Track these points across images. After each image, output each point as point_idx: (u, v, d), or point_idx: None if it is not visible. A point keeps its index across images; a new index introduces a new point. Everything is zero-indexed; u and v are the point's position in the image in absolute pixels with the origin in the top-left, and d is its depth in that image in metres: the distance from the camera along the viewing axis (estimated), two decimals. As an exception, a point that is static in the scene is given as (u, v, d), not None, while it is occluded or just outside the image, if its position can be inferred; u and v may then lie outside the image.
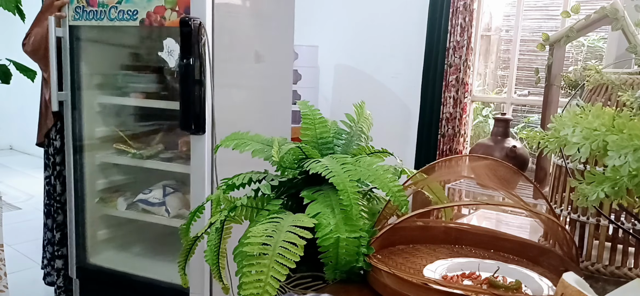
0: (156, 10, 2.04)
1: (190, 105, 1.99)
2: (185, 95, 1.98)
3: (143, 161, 2.34)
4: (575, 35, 1.60)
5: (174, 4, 2.00)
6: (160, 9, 2.03)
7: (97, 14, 2.18)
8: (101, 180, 2.52)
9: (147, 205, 2.35)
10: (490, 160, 1.22)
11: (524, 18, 3.34)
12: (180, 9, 2.00)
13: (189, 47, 1.93)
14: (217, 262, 1.08)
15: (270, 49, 2.42)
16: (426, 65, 3.35)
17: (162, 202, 2.33)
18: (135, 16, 2.09)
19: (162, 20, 2.04)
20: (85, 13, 2.21)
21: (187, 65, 1.94)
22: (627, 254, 1.10)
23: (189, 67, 1.95)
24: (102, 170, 2.51)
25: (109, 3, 2.13)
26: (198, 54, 1.95)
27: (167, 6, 2.01)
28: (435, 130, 3.32)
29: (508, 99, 3.31)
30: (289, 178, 1.13)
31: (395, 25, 3.60)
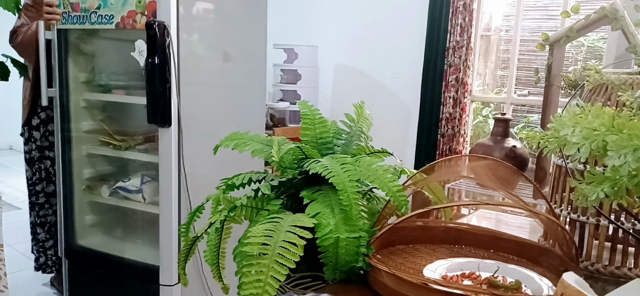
0: (129, 14, 2.25)
1: (156, 100, 2.17)
2: (151, 91, 2.17)
3: (122, 152, 2.55)
4: (575, 35, 1.60)
5: (144, 9, 2.20)
6: (132, 14, 2.24)
7: (80, 18, 2.41)
8: (87, 170, 2.72)
9: (125, 192, 2.55)
10: (490, 160, 1.22)
11: (524, 18, 3.34)
12: (148, 14, 2.19)
13: (154, 48, 2.12)
14: (217, 262, 1.08)
15: (241, 49, 2.58)
16: (426, 65, 3.35)
17: (139, 189, 2.52)
18: (111, 20, 2.31)
19: (134, 23, 2.24)
20: (70, 18, 2.43)
21: (153, 64, 2.13)
22: (627, 254, 1.10)
23: (155, 65, 2.13)
24: (88, 160, 2.72)
25: (90, 8, 2.35)
26: (163, 54, 2.13)
27: (138, 11, 2.22)
28: (435, 130, 3.31)
29: (508, 99, 3.31)
30: (288, 178, 1.13)
31: (395, 25, 3.59)
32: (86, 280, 2.61)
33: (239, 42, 2.57)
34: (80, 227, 2.69)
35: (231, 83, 2.56)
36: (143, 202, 2.50)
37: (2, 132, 6.97)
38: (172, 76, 2.17)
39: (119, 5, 2.27)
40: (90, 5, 2.35)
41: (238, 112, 2.60)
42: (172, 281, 2.32)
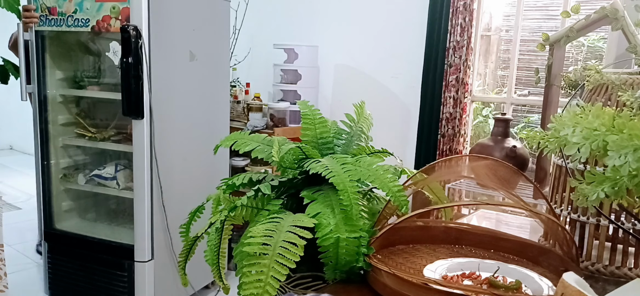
0: (104, 18, 2.49)
1: (130, 95, 2.44)
2: (125, 87, 2.43)
3: (97, 142, 2.82)
4: (575, 35, 1.60)
5: (118, 14, 2.46)
6: (107, 18, 2.49)
7: (57, 21, 2.60)
8: (64, 159, 2.95)
9: (101, 179, 2.82)
10: (490, 160, 1.22)
11: (524, 18, 3.34)
12: (122, 18, 2.44)
13: (128, 49, 2.38)
14: (217, 262, 1.08)
15: (206, 50, 2.87)
16: (426, 65, 3.35)
17: (114, 176, 2.78)
18: (87, 23, 2.53)
19: (108, 27, 2.49)
20: (48, 21, 2.62)
21: (127, 63, 2.39)
22: (627, 254, 1.10)
23: (129, 64, 2.40)
24: (65, 151, 2.95)
25: (67, 12, 2.56)
26: (136, 54, 2.39)
27: (112, 16, 2.47)
28: (435, 130, 3.31)
29: (508, 99, 3.31)
30: (289, 178, 1.13)
31: (395, 25, 3.59)
32: (66, 261, 2.80)
33: (204, 43, 2.85)
34: (58, 212, 2.91)
35: (197, 80, 2.84)
36: (117, 188, 2.76)
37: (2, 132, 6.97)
38: (144, 74, 2.43)
39: (94, 10, 2.49)
40: (66, 10, 2.56)
41: (204, 106, 2.91)
42: (146, 258, 2.58)
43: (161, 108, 2.56)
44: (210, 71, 2.94)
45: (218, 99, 3.04)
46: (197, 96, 2.86)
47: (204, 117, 2.93)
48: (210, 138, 2.99)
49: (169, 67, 2.61)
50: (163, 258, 2.68)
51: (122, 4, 2.43)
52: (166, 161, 2.62)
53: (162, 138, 2.58)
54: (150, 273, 2.61)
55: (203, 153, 2.92)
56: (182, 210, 2.69)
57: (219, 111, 3.06)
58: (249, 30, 4.06)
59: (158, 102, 2.53)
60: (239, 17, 3.95)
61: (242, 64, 4.01)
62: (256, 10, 4.11)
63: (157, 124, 2.54)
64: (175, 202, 2.69)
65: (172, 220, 2.67)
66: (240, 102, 3.96)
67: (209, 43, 2.90)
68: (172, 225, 2.68)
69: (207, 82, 2.93)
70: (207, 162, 2.97)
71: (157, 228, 2.62)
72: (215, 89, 3.01)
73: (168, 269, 2.71)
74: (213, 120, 3.01)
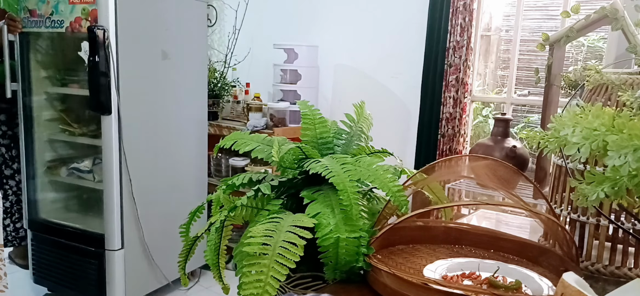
0: (76, 20, 2.66)
1: (97, 92, 2.58)
2: (93, 84, 2.57)
3: (75, 137, 2.99)
4: (575, 35, 1.60)
5: (87, 15, 2.61)
6: (79, 19, 2.65)
7: (37, 23, 2.79)
8: (48, 153, 3.10)
9: (79, 172, 2.99)
10: (490, 160, 1.22)
11: (524, 18, 3.34)
12: (91, 19, 2.59)
13: (95, 48, 2.51)
14: (217, 262, 1.08)
15: (180, 50, 3.00)
16: (426, 65, 3.34)
17: (91, 170, 2.96)
18: (62, 25, 2.70)
19: (79, 27, 2.64)
20: (29, 22, 2.82)
21: (94, 62, 2.53)
22: (627, 254, 1.10)
23: (95, 63, 2.53)
24: (49, 145, 3.10)
25: (45, 14, 2.74)
26: (103, 53, 2.53)
27: (83, 17, 2.63)
28: (435, 130, 3.31)
29: (508, 99, 3.31)
30: (288, 178, 1.13)
31: (395, 25, 3.59)
32: (47, 248, 2.98)
33: (179, 43, 2.98)
34: (42, 203, 3.08)
35: (170, 79, 2.96)
36: (93, 181, 2.93)
37: None
38: (111, 72, 2.57)
39: (67, 12, 2.66)
40: (44, 12, 2.74)
41: (179, 103, 3.04)
42: (116, 247, 2.73)
43: (132, 104, 2.70)
44: (186, 69, 3.06)
45: (195, 96, 3.17)
46: (172, 93, 2.98)
47: (179, 113, 3.05)
48: (186, 134, 3.13)
49: (139, 66, 2.74)
50: (134, 247, 2.81)
51: (91, 6, 2.58)
52: (137, 155, 2.76)
53: (132, 133, 2.71)
54: (121, 261, 2.76)
55: (178, 148, 3.08)
56: (154, 201, 2.92)
57: (195, 108, 3.19)
58: (249, 30, 4.06)
59: (129, 99, 2.67)
60: (239, 17, 3.96)
61: (242, 64, 4.01)
62: (256, 10, 4.11)
63: (128, 120, 2.67)
64: (146, 194, 2.83)
65: (143, 211, 2.81)
66: (240, 102, 3.96)
67: (184, 42, 3.02)
68: (143, 216, 2.81)
69: (183, 80, 3.05)
70: (182, 156, 3.11)
71: (128, 219, 2.75)
72: (192, 87, 3.13)
73: (139, 258, 2.85)
74: (189, 117, 3.14)
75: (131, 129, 2.70)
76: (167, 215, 2.99)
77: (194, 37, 3.11)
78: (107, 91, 2.57)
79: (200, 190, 3.30)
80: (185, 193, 3.14)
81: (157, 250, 2.94)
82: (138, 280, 2.88)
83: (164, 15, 2.87)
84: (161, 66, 2.88)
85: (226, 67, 3.93)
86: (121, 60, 2.60)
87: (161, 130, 2.94)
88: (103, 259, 2.75)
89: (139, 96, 2.75)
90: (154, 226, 2.90)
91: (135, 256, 2.83)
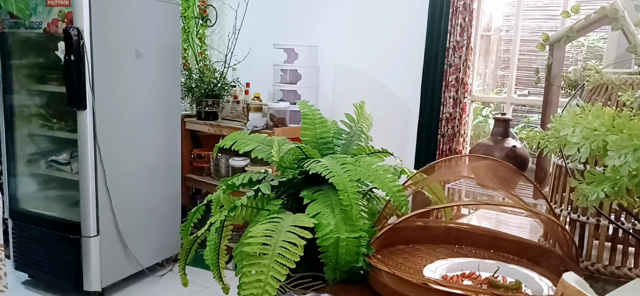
0: (53, 21, 2.85)
1: (73, 89, 2.77)
2: (68, 81, 2.77)
3: (55, 131, 3.17)
4: (575, 35, 1.60)
5: (64, 17, 2.80)
6: (55, 21, 2.84)
7: (17, 24, 2.98)
8: (29, 147, 3.29)
9: (58, 165, 3.18)
10: (490, 160, 1.22)
11: (524, 18, 3.33)
12: (67, 21, 2.78)
13: (70, 48, 2.72)
14: (217, 262, 1.08)
15: (154, 49, 3.22)
16: (426, 65, 3.34)
17: (68, 162, 3.13)
18: (40, 26, 2.90)
19: (56, 28, 2.83)
20: (10, 23, 3.01)
21: (69, 61, 2.73)
22: (627, 254, 1.10)
23: (70, 61, 2.73)
24: (30, 139, 3.30)
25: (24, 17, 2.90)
26: (78, 53, 2.73)
27: (59, 19, 2.82)
28: (435, 130, 3.31)
29: (508, 99, 3.31)
30: (288, 178, 1.13)
31: (395, 25, 3.59)
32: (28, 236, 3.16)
33: (152, 42, 3.19)
34: (22, 193, 3.27)
35: (144, 76, 3.17)
36: (70, 172, 3.10)
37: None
38: (86, 70, 2.77)
39: (45, 14, 2.85)
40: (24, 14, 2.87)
41: (153, 98, 3.26)
42: (91, 234, 2.94)
43: (107, 100, 2.91)
44: (160, 67, 3.28)
45: (168, 93, 3.39)
46: (145, 90, 3.19)
47: (152, 109, 3.26)
48: (159, 128, 3.34)
49: (113, 64, 2.95)
50: (109, 234, 3.02)
51: (67, 8, 2.76)
52: (111, 147, 2.96)
53: (107, 127, 2.92)
54: (96, 247, 2.96)
55: (151, 141, 3.28)
56: (127, 192, 3.07)
57: (169, 104, 3.41)
58: (249, 30, 4.06)
59: (103, 95, 2.88)
60: (239, 17, 3.95)
61: (242, 64, 4.01)
62: (256, 10, 4.11)
63: (102, 115, 2.88)
64: (120, 184, 3.03)
65: (117, 201, 3.01)
66: (240, 102, 3.96)
67: (157, 42, 3.24)
68: (116, 205, 3.01)
69: (156, 77, 3.26)
70: (156, 149, 3.32)
71: (103, 208, 2.95)
72: (165, 83, 3.34)
73: (114, 245, 3.06)
74: (162, 112, 3.35)
75: (106, 123, 2.90)
76: (140, 205, 3.21)
77: (167, 37, 3.32)
78: (82, 88, 2.77)
79: (173, 182, 3.51)
80: (158, 184, 3.35)
81: (131, 237, 3.14)
82: (113, 266, 3.07)
83: (138, 17, 3.07)
84: (135, 64, 3.09)
85: (226, 67, 3.93)
86: (95, 59, 2.80)
87: (135, 124, 3.13)
88: (80, 245, 2.94)
89: (113, 92, 2.96)
90: (128, 215, 3.11)
91: (110, 243, 3.03)
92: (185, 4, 4.38)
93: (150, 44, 3.17)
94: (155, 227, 3.35)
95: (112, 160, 2.95)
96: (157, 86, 3.28)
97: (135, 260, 3.18)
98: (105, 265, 3.00)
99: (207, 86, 3.78)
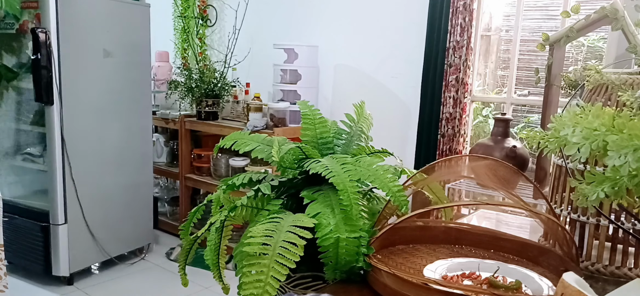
0: (24, 22, 3.12)
1: (40, 85, 2.94)
2: (36, 78, 2.94)
3: (29, 126, 3.35)
4: (575, 35, 1.60)
5: (33, 18, 3.04)
6: (26, 22, 3.11)
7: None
8: (6, 141, 3.48)
9: (32, 157, 3.40)
10: (490, 160, 1.22)
11: (524, 18, 3.33)
12: (36, 22, 2.99)
13: (38, 47, 2.89)
14: (217, 262, 1.08)
15: (123, 48, 3.39)
16: (426, 65, 3.34)
17: (41, 154, 3.33)
18: (13, 27, 3.14)
19: (27, 29, 3.07)
20: None
21: (37, 59, 2.90)
22: (627, 254, 1.10)
23: (38, 60, 2.90)
24: (7, 133, 3.49)
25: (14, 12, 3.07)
26: (46, 51, 2.90)
27: (29, 20, 3.08)
28: (435, 130, 3.31)
29: (508, 99, 3.31)
30: (289, 178, 1.13)
31: (395, 25, 3.59)
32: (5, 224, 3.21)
33: (121, 42, 3.37)
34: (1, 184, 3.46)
35: (113, 74, 3.35)
36: (43, 164, 3.28)
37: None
38: (53, 68, 2.95)
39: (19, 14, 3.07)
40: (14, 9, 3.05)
41: (121, 95, 3.42)
42: (59, 222, 3.13)
43: (75, 96, 3.10)
44: (130, 65, 3.45)
45: (138, 89, 3.55)
46: (114, 87, 3.36)
47: (121, 104, 3.42)
48: (129, 123, 3.50)
49: (80, 62, 3.13)
50: (77, 223, 3.20)
51: (36, 10, 2.96)
52: (78, 140, 3.15)
53: (75, 122, 3.11)
54: (64, 234, 3.15)
55: (120, 135, 3.44)
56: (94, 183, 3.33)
57: (139, 99, 3.57)
58: (249, 30, 4.06)
59: (71, 91, 3.06)
60: (239, 17, 3.95)
61: (242, 64, 4.01)
62: (256, 10, 4.11)
63: (69, 110, 3.06)
64: (86, 176, 3.23)
65: (83, 191, 3.20)
66: (240, 102, 3.96)
67: (127, 42, 3.41)
68: (83, 195, 3.20)
69: (126, 75, 3.43)
70: (125, 143, 3.48)
71: (70, 197, 3.13)
72: (135, 81, 3.51)
73: (82, 233, 3.25)
74: (133, 108, 3.52)
75: (73, 118, 3.09)
76: (107, 197, 3.39)
77: (137, 37, 3.49)
78: (49, 85, 2.95)
79: (143, 175, 3.67)
80: (126, 177, 3.52)
81: (98, 227, 3.33)
82: (81, 253, 3.26)
83: (106, 18, 3.26)
84: (103, 63, 3.27)
85: (226, 67, 3.93)
86: (63, 57, 2.98)
87: (102, 119, 3.30)
88: (49, 232, 3.14)
89: (80, 89, 3.14)
90: (95, 205, 3.29)
91: (78, 231, 3.22)
92: (185, 4, 4.39)
93: (120, 44, 3.35)
94: (124, 218, 3.53)
95: (78, 153, 3.14)
96: (127, 83, 3.44)
97: (103, 248, 3.37)
98: (73, 252, 3.18)
99: (207, 86, 3.78)
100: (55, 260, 3.15)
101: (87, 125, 3.21)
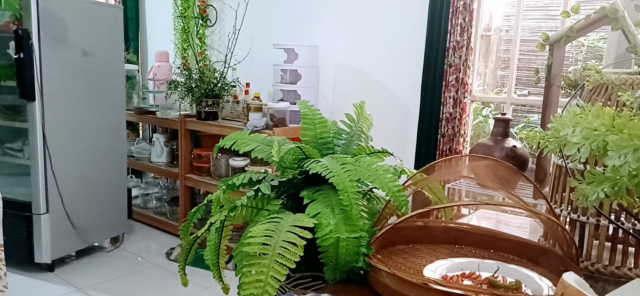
0: (5, 23, 3.24)
1: (23, 83, 3.14)
2: (19, 76, 3.14)
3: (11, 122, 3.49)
4: (575, 35, 1.61)
5: (15, 19, 3.17)
6: (8, 22, 3.23)
7: None
8: None
9: (13, 152, 3.55)
10: (490, 160, 1.22)
11: (524, 18, 3.33)
12: (18, 23, 3.14)
13: (20, 46, 3.09)
14: (217, 262, 1.08)
15: (99, 48, 3.62)
16: (426, 65, 3.34)
17: (22, 149, 3.50)
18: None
19: (9, 29, 3.20)
20: None
21: (20, 58, 3.10)
22: (627, 254, 1.10)
23: (21, 59, 3.10)
24: None
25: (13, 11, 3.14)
26: (27, 51, 3.10)
27: (11, 21, 3.21)
28: (435, 130, 3.31)
29: (508, 99, 3.31)
30: (288, 178, 1.13)
31: (395, 25, 3.59)
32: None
33: (98, 42, 3.60)
34: None
35: (90, 72, 3.57)
36: (24, 158, 3.46)
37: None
38: (34, 66, 3.14)
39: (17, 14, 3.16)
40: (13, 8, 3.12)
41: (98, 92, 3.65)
42: (41, 211, 3.34)
43: (55, 93, 3.29)
44: (105, 65, 3.69)
45: (114, 87, 3.78)
46: (91, 84, 3.58)
47: (98, 101, 3.65)
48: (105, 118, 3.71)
49: (61, 61, 3.33)
50: (57, 213, 3.39)
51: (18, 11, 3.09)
52: (58, 135, 3.34)
53: (56, 117, 3.31)
54: (46, 223, 3.34)
55: (97, 129, 3.66)
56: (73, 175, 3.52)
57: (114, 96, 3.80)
58: (249, 30, 4.06)
59: (52, 88, 3.26)
60: (239, 17, 3.95)
61: (242, 64, 4.01)
62: (256, 10, 4.11)
63: (51, 106, 3.25)
64: (66, 168, 3.42)
65: (63, 183, 3.39)
66: (240, 102, 3.96)
67: (103, 42, 3.64)
68: (63, 187, 3.38)
69: (102, 73, 3.66)
70: (101, 137, 3.69)
71: (51, 189, 3.32)
72: (110, 79, 3.74)
73: (62, 222, 3.44)
74: (108, 104, 3.73)
75: (54, 114, 3.29)
76: (85, 188, 3.59)
77: (112, 38, 3.73)
78: (31, 82, 3.14)
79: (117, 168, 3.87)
80: (102, 170, 3.71)
81: (78, 216, 3.53)
82: (62, 241, 3.46)
83: (84, 20, 3.48)
84: (82, 62, 3.48)
85: (226, 67, 3.93)
86: (44, 56, 3.18)
87: (81, 115, 3.51)
88: (31, 222, 3.34)
89: (61, 86, 3.34)
90: (74, 196, 3.48)
91: (59, 221, 3.41)
92: (185, 4, 4.39)
93: (97, 44, 3.59)
94: (100, 209, 3.74)
95: (58, 147, 3.33)
96: (103, 81, 3.68)
97: (82, 237, 3.59)
98: (54, 240, 3.38)
99: (207, 86, 3.78)
100: (38, 247, 3.34)
101: (67, 120, 3.40)
